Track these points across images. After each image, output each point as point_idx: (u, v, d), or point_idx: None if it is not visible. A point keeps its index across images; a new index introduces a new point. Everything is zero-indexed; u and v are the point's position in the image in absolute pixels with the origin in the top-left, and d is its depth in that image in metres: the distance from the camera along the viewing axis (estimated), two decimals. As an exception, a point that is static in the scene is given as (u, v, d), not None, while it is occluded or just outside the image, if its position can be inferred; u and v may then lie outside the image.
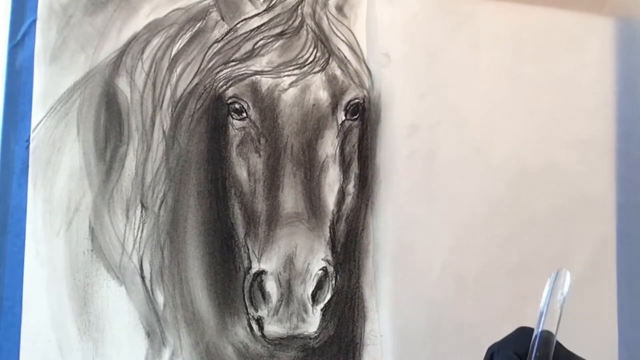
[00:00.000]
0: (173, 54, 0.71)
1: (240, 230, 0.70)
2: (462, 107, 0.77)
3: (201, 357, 0.69)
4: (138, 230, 0.69)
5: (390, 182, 0.74)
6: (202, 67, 0.71)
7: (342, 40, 0.74)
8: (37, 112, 0.68)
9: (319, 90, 0.72)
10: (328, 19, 0.73)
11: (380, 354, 0.72)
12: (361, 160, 0.74)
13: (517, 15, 0.79)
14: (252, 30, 0.72)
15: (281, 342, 0.69)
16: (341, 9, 0.74)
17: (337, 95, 0.73)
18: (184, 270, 0.69)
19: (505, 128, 0.78)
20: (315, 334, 0.70)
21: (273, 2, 0.72)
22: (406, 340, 0.73)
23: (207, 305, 0.69)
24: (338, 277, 0.71)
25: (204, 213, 0.70)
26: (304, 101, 0.72)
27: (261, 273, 0.68)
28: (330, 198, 0.71)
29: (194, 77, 0.71)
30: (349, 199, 0.73)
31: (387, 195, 0.74)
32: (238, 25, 0.72)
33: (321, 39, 0.73)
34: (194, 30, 0.71)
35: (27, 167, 0.67)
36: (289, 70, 0.71)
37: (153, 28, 0.71)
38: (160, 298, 0.68)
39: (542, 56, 0.80)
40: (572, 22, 0.81)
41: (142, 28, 0.70)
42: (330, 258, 0.70)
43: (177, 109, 0.70)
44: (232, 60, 0.71)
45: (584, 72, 0.81)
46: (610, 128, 0.82)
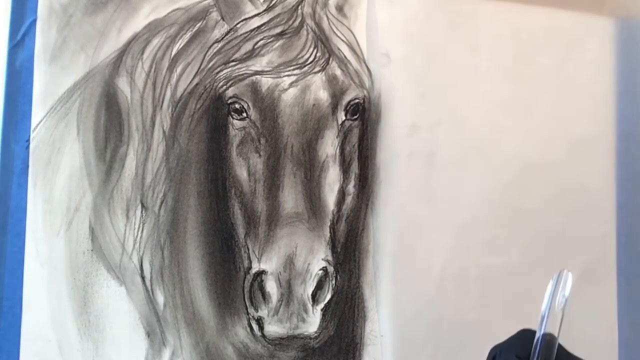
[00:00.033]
0: (173, 54, 0.71)
1: (241, 230, 0.70)
2: (462, 107, 0.77)
3: (201, 357, 0.69)
4: (138, 230, 0.69)
5: (390, 182, 0.74)
6: (202, 67, 0.71)
7: (342, 40, 0.74)
8: (37, 112, 0.68)
9: (319, 90, 0.72)
10: (328, 19, 0.73)
11: (380, 354, 0.72)
12: (361, 160, 0.74)
13: (517, 15, 0.79)
14: (252, 30, 0.72)
15: (281, 342, 0.69)
16: (341, 9, 0.74)
17: (337, 95, 0.73)
18: (184, 270, 0.69)
19: (505, 128, 0.78)
20: (316, 334, 0.70)
21: (273, 2, 0.72)
22: (406, 340, 0.73)
23: (207, 305, 0.69)
24: (338, 277, 0.71)
25: (204, 213, 0.70)
26: (304, 101, 0.71)
27: (261, 273, 0.68)
28: (330, 198, 0.71)
29: (194, 77, 0.71)
30: (349, 199, 0.73)
31: (387, 195, 0.74)
32: (238, 25, 0.72)
33: (321, 39, 0.73)
34: (194, 30, 0.71)
35: (27, 167, 0.67)
36: (289, 70, 0.71)
37: (153, 28, 0.71)
38: (160, 298, 0.68)
39: (542, 56, 0.80)
40: (572, 22, 0.81)
41: (142, 28, 0.70)
42: (330, 258, 0.70)
43: (177, 109, 0.70)
44: (232, 60, 0.71)
45: (584, 72, 0.81)
46: (610, 128, 0.82)
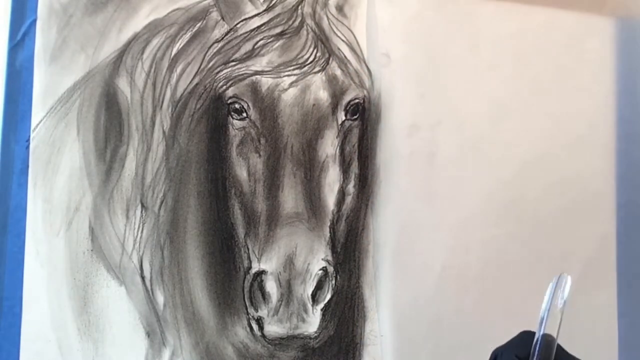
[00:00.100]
0: (173, 54, 0.71)
1: (240, 230, 0.70)
2: (462, 107, 0.77)
3: (201, 357, 0.69)
4: (138, 230, 0.69)
5: (390, 182, 0.74)
6: (202, 67, 0.71)
7: (342, 40, 0.74)
8: (37, 112, 0.68)
9: (319, 90, 0.72)
10: (328, 19, 0.73)
11: (380, 354, 0.72)
12: (361, 160, 0.74)
13: (517, 15, 0.79)
14: (252, 30, 0.72)
15: (281, 342, 0.69)
16: (341, 9, 0.74)
17: (337, 95, 0.73)
18: (184, 270, 0.69)
19: (505, 128, 0.78)
20: (315, 334, 0.70)
21: (273, 2, 0.72)
22: (406, 340, 0.73)
23: (207, 305, 0.69)
24: (338, 277, 0.71)
25: (204, 213, 0.70)
26: (304, 101, 0.71)
27: (261, 273, 0.68)
28: (330, 198, 0.71)
29: (194, 77, 0.71)
30: (349, 199, 0.73)
31: (387, 195, 0.74)
32: (238, 25, 0.72)
33: (321, 39, 0.73)
34: (194, 30, 0.71)
35: (27, 167, 0.67)
36: (289, 70, 0.71)
37: (153, 28, 0.71)
38: (160, 298, 0.68)
39: (542, 56, 0.80)
40: (572, 22, 0.81)
41: (142, 28, 0.70)
42: (330, 258, 0.70)
43: (177, 109, 0.70)
44: (232, 60, 0.71)
45: (584, 72, 0.81)
46: (610, 128, 0.82)
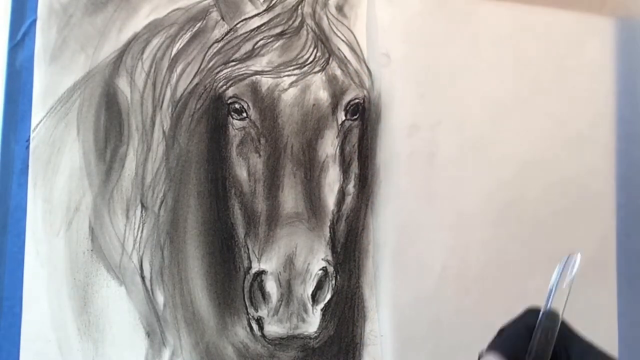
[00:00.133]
0: (173, 54, 0.71)
1: (240, 230, 0.70)
2: (462, 107, 0.77)
3: (201, 357, 0.69)
4: (138, 230, 0.69)
5: (390, 182, 0.74)
6: (202, 67, 0.71)
7: (342, 40, 0.74)
8: (37, 112, 0.68)
9: (319, 90, 0.72)
10: (328, 18, 0.73)
11: (380, 354, 0.72)
12: (361, 160, 0.74)
13: (517, 15, 0.79)
14: (252, 30, 0.72)
15: (281, 342, 0.69)
16: (341, 9, 0.74)
17: (337, 95, 0.73)
18: (184, 270, 0.69)
19: (505, 128, 0.78)
20: (315, 334, 0.70)
21: (273, 2, 0.72)
22: (406, 340, 0.73)
23: (207, 305, 0.69)
24: (338, 277, 0.71)
25: (204, 213, 0.70)
26: (304, 101, 0.71)
27: (261, 273, 0.68)
28: (330, 198, 0.71)
29: (194, 77, 0.71)
30: (349, 199, 0.73)
31: (387, 195, 0.74)
32: (238, 25, 0.72)
33: (321, 39, 0.73)
34: (194, 30, 0.71)
35: (27, 167, 0.67)
36: (289, 70, 0.71)
37: (153, 28, 0.71)
38: (160, 298, 0.68)
39: (542, 56, 0.80)
40: (572, 22, 0.81)
41: (142, 28, 0.70)
42: (330, 258, 0.70)
43: (177, 109, 0.70)
44: (232, 60, 0.71)
45: (584, 72, 0.81)
46: (610, 128, 0.82)
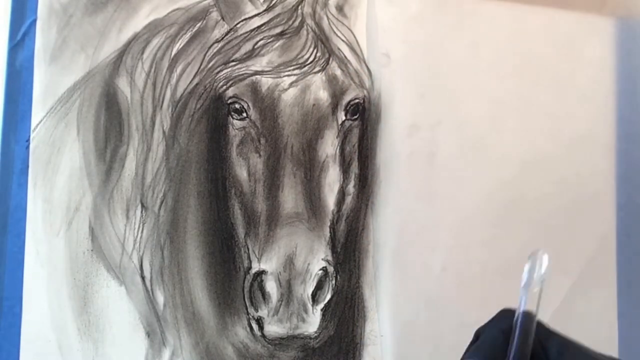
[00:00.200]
0: (173, 54, 0.71)
1: (240, 230, 0.70)
2: (462, 107, 0.77)
3: (201, 357, 0.69)
4: (138, 230, 0.69)
5: (390, 182, 0.74)
6: (202, 67, 0.71)
7: (342, 40, 0.74)
8: (37, 112, 0.68)
9: (319, 90, 0.72)
10: (328, 18, 0.73)
11: (380, 354, 0.72)
12: (361, 160, 0.74)
13: (517, 15, 0.79)
14: (252, 30, 0.72)
15: (281, 342, 0.69)
16: (341, 9, 0.74)
17: (337, 95, 0.73)
18: (184, 270, 0.69)
19: (505, 128, 0.78)
20: (315, 334, 0.70)
21: (273, 2, 0.72)
22: (406, 340, 0.73)
23: (207, 305, 0.69)
24: (338, 277, 0.71)
25: (204, 213, 0.70)
26: (304, 101, 0.71)
27: (261, 273, 0.68)
28: (330, 198, 0.71)
29: (194, 77, 0.71)
30: (349, 199, 0.73)
31: (387, 195, 0.74)
32: (238, 25, 0.72)
33: (321, 39, 0.73)
34: (194, 30, 0.71)
35: (27, 167, 0.67)
36: (289, 70, 0.71)
37: (153, 28, 0.71)
38: (160, 298, 0.68)
39: (542, 56, 0.80)
40: (572, 22, 0.81)
41: (142, 28, 0.70)
42: (330, 258, 0.70)
43: (177, 109, 0.70)
44: (232, 60, 0.71)
45: (584, 72, 0.81)
46: (610, 128, 0.82)
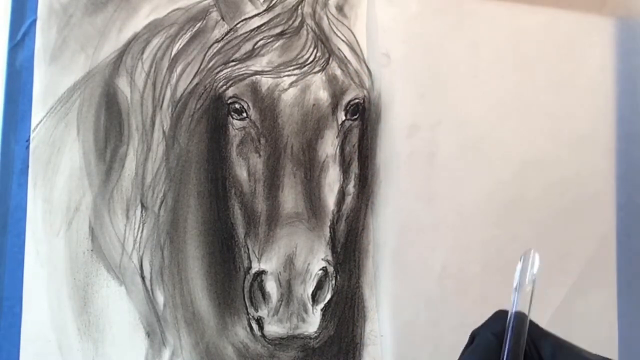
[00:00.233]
0: (173, 54, 0.71)
1: (240, 230, 0.70)
2: (462, 107, 0.77)
3: (201, 357, 0.69)
4: (138, 230, 0.69)
5: (390, 182, 0.74)
6: (202, 67, 0.71)
7: (342, 40, 0.74)
8: (37, 112, 0.68)
9: (319, 90, 0.72)
10: (328, 18, 0.73)
11: (380, 354, 0.72)
12: (361, 160, 0.74)
13: (517, 15, 0.79)
14: (252, 30, 0.72)
15: (281, 342, 0.69)
16: (341, 9, 0.74)
17: (337, 95, 0.73)
18: (184, 270, 0.69)
19: (505, 128, 0.78)
20: (315, 334, 0.70)
21: (273, 2, 0.72)
22: (406, 340, 0.73)
23: (207, 305, 0.69)
24: (338, 277, 0.71)
25: (204, 213, 0.70)
26: (304, 101, 0.71)
27: (261, 273, 0.68)
28: (330, 198, 0.71)
29: (194, 77, 0.71)
30: (349, 199, 0.73)
31: (387, 195, 0.74)
32: (238, 25, 0.72)
33: (321, 39, 0.73)
34: (194, 30, 0.71)
35: (27, 167, 0.67)
36: (289, 70, 0.71)
37: (153, 28, 0.71)
38: (160, 298, 0.68)
39: (542, 56, 0.80)
40: (572, 22, 0.81)
41: (142, 28, 0.70)
42: (330, 258, 0.70)
43: (177, 109, 0.70)
44: (232, 60, 0.71)
45: (584, 72, 0.81)
46: (610, 128, 0.82)
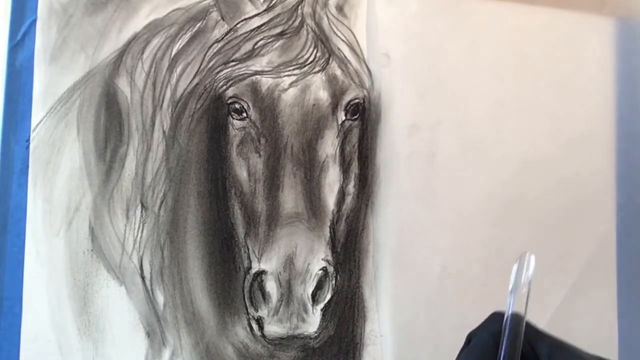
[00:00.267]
0: (173, 54, 0.71)
1: (240, 230, 0.70)
2: (462, 107, 0.77)
3: (201, 357, 0.69)
4: (138, 230, 0.69)
5: (390, 182, 0.74)
6: (202, 67, 0.71)
7: (342, 40, 0.74)
8: (37, 112, 0.68)
9: (319, 90, 0.72)
10: (328, 18, 0.73)
11: (380, 354, 0.72)
12: (361, 160, 0.74)
13: (517, 15, 0.79)
14: (252, 30, 0.72)
15: (281, 342, 0.69)
16: (341, 9, 0.74)
17: (337, 95, 0.73)
18: (184, 270, 0.69)
19: (505, 128, 0.78)
20: (315, 334, 0.70)
21: (273, 2, 0.72)
22: (406, 340, 0.73)
23: (207, 305, 0.69)
24: (338, 277, 0.71)
25: (204, 213, 0.70)
26: (304, 101, 0.71)
27: (261, 273, 0.68)
28: (330, 198, 0.71)
29: (194, 77, 0.71)
30: (349, 199, 0.73)
31: (387, 195, 0.74)
32: (238, 25, 0.72)
33: (321, 39, 0.73)
34: (194, 30, 0.71)
35: (27, 167, 0.67)
36: (289, 70, 0.71)
37: (153, 28, 0.71)
38: (160, 298, 0.68)
39: (542, 56, 0.80)
40: (572, 22, 0.81)
41: (142, 28, 0.70)
42: (330, 258, 0.70)
43: (177, 109, 0.70)
44: (232, 60, 0.71)
45: (584, 72, 0.81)
46: (610, 128, 0.82)
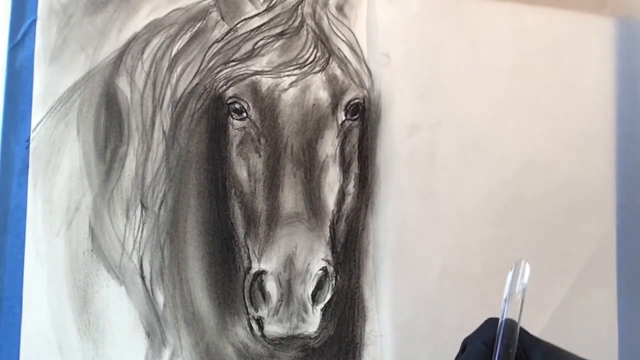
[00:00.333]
0: (173, 54, 0.71)
1: (240, 230, 0.70)
2: (462, 106, 0.77)
3: (201, 357, 0.69)
4: (138, 230, 0.69)
5: (390, 182, 0.74)
6: (202, 67, 0.71)
7: (342, 40, 0.74)
8: (37, 112, 0.68)
9: (319, 90, 0.72)
10: (328, 18, 0.73)
11: (380, 354, 0.72)
12: (361, 160, 0.74)
13: (517, 15, 0.79)
14: (252, 30, 0.72)
15: (281, 342, 0.69)
16: (341, 9, 0.74)
17: (337, 95, 0.73)
18: (184, 270, 0.69)
19: (505, 128, 0.78)
20: (315, 334, 0.70)
21: (273, 2, 0.72)
22: (406, 340, 0.73)
23: (207, 305, 0.69)
24: (338, 277, 0.71)
25: (204, 213, 0.70)
26: (304, 101, 0.71)
27: (261, 273, 0.68)
28: (330, 198, 0.71)
29: (194, 77, 0.71)
30: (349, 199, 0.73)
31: (387, 195, 0.74)
32: (238, 25, 0.72)
33: (321, 39, 0.73)
34: (194, 30, 0.71)
35: (27, 167, 0.67)
36: (289, 70, 0.71)
37: (153, 28, 0.71)
38: (160, 298, 0.68)
39: (542, 56, 0.80)
40: (572, 22, 0.81)
41: (142, 28, 0.70)
42: (330, 258, 0.70)
43: (177, 109, 0.70)
44: (232, 60, 0.71)
45: (584, 72, 0.81)
46: (610, 128, 0.82)
